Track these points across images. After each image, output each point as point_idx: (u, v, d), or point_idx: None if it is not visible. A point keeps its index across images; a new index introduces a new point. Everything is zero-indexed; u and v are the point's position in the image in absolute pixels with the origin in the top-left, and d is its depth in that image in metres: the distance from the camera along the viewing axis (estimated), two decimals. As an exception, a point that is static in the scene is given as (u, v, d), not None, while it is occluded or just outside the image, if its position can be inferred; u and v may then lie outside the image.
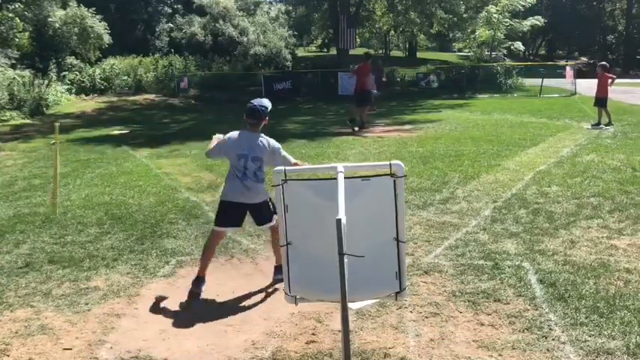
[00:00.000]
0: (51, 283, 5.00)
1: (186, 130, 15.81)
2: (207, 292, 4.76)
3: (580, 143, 11.38)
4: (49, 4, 23.68)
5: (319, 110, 20.97)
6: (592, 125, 14.03)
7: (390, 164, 3.15)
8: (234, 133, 4.81)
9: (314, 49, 56.61)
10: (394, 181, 3.14)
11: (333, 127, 15.71)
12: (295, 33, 36.74)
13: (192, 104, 23.88)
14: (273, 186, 3.25)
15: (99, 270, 5.30)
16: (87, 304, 4.58)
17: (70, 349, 3.88)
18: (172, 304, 4.57)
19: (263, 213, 4.80)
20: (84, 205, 7.58)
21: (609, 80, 14.34)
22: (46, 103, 20.16)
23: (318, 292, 3.27)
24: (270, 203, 4.77)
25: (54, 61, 24.32)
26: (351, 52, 31.33)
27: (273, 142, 4.78)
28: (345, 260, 2.72)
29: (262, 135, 4.77)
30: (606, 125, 13.84)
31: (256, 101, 4.76)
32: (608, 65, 16.17)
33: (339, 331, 3.80)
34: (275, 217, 4.48)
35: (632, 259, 5.19)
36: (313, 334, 4.00)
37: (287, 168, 3.22)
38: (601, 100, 14.26)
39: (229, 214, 4.78)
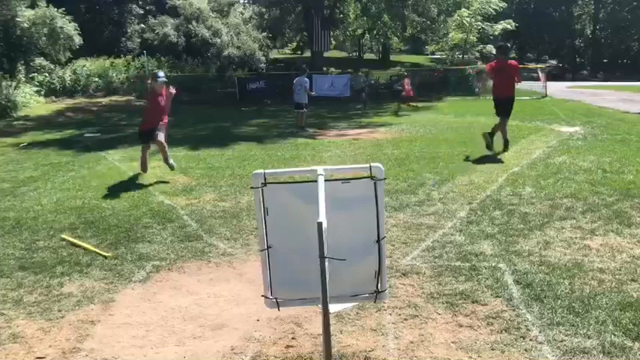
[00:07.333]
0: (22, 290, 4.87)
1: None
2: (184, 298, 4.70)
3: (552, 145, 11.55)
4: (16, 4, 23.08)
5: (291, 112, 20.86)
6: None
7: (370, 166, 3.14)
8: None
9: (288, 51, 56.57)
10: (375, 183, 3.13)
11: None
12: (270, 35, 36.64)
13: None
14: (252, 188, 3.21)
15: (72, 276, 5.18)
16: (60, 310, 4.47)
17: (44, 357, 3.78)
18: (149, 310, 4.49)
19: None
20: (55, 210, 7.42)
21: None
22: (14, 105, 19.73)
23: (299, 296, 3.25)
24: None
25: (22, 62, 23.79)
26: (325, 54, 31.42)
27: None
28: (326, 264, 2.71)
29: None
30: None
31: None
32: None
33: (319, 334, 3.79)
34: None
35: (605, 259, 5.28)
36: (293, 338, 3.97)
37: (266, 171, 3.18)
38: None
39: None
